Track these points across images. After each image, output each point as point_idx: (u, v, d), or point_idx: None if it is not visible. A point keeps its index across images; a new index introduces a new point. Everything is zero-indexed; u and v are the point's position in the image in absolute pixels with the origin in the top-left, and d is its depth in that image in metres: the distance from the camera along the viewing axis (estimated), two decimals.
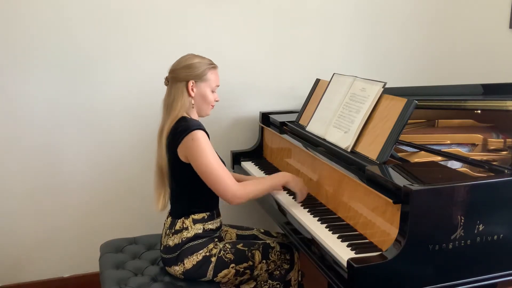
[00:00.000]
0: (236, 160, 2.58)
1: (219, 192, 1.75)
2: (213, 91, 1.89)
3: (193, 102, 1.85)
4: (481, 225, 1.44)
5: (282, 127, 2.42)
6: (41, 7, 2.28)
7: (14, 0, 2.24)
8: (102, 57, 2.40)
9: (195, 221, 1.84)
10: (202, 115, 1.92)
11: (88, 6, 2.34)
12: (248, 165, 2.50)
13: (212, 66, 1.88)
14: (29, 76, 2.33)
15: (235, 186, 1.75)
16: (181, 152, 1.76)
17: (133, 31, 2.42)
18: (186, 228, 1.83)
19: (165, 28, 2.47)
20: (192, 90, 1.83)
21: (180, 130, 1.75)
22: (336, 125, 1.96)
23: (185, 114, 1.84)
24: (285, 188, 2.10)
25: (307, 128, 2.17)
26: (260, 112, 2.63)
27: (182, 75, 1.82)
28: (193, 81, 1.82)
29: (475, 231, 1.44)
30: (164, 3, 2.44)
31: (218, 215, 1.92)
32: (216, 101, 1.92)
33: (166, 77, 1.88)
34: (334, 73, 2.20)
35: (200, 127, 1.76)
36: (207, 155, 1.72)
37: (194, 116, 1.89)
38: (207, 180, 1.75)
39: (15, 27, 2.27)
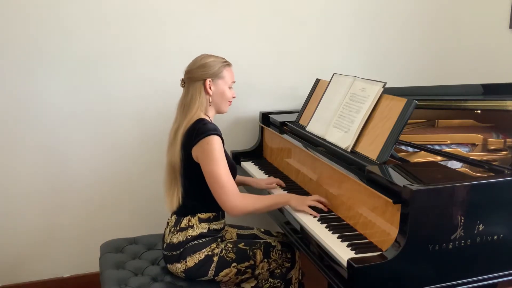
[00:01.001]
0: (236, 160, 2.58)
1: (220, 201, 1.76)
2: (230, 88, 1.91)
3: (210, 100, 1.86)
4: (481, 225, 1.44)
5: (282, 127, 2.42)
6: (43, 10, 2.28)
7: (16, 2, 2.25)
8: (104, 58, 2.40)
9: (201, 220, 1.84)
10: (221, 112, 1.94)
11: (89, 8, 2.34)
12: (248, 165, 2.50)
13: (227, 63, 1.91)
14: (32, 78, 2.33)
15: (237, 199, 1.75)
16: (195, 153, 1.78)
17: (134, 33, 2.42)
18: (192, 227, 1.83)
19: (166, 30, 2.47)
20: (210, 88, 1.85)
21: (197, 132, 1.76)
22: (336, 125, 1.96)
23: (202, 114, 1.85)
24: (285, 188, 2.11)
25: (307, 128, 2.17)
26: (260, 112, 2.63)
27: (198, 74, 1.84)
28: (210, 79, 1.84)
29: (475, 231, 1.44)
30: (165, 4, 2.44)
31: (223, 216, 1.93)
32: (233, 97, 1.94)
33: (182, 78, 1.89)
34: (334, 73, 2.20)
35: (217, 132, 1.77)
36: (218, 162, 1.74)
37: (212, 114, 1.90)
38: (212, 187, 1.76)
39: (18, 29, 2.27)
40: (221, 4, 2.53)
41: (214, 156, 1.74)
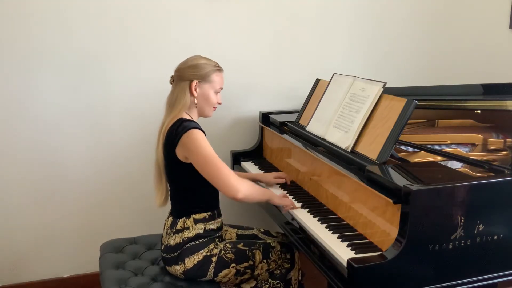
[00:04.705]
0: (236, 160, 2.58)
1: (221, 186, 1.71)
2: (216, 93, 1.90)
3: (196, 102, 1.86)
4: (481, 225, 1.44)
5: (282, 127, 2.42)
6: (42, 7, 2.28)
7: (17, 2, 2.25)
8: (103, 57, 2.40)
9: (196, 221, 1.84)
10: (204, 115, 1.93)
11: (89, 6, 2.34)
12: (248, 165, 2.50)
13: (218, 68, 1.89)
14: (31, 75, 2.33)
15: (237, 180, 1.71)
16: (180, 152, 1.77)
17: (134, 32, 2.42)
18: (187, 228, 1.83)
19: (166, 29, 2.47)
20: (195, 89, 1.84)
21: (176, 131, 1.75)
22: (336, 125, 1.96)
23: (185, 114, 1.84)
24: (284, 188, 2.11)
25: (307, 128, 2.17)
26: (260, 112, 2.63)
27: (187, 74, 1.83)
28: (197, 81, 1.84)
29: (475, 231, 1.44)
30: (165, 4, 2.44)
31: (219, 215, 1.92)
32: (219, 103, 1.93)
33: (172, 76, 1.89)
34: (334, 73, 2.20)
35: (197, 127, 1.76)
36: (205, 149, 1.71)
37: (195, 116, 1.89)
38: (208, 174, 1.72)
39: (18, 28, 2.27)
40: (222, 3, 2.53)
41: (199, 145, 1.71)
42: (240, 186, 1.71)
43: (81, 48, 2.37)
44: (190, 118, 1.85)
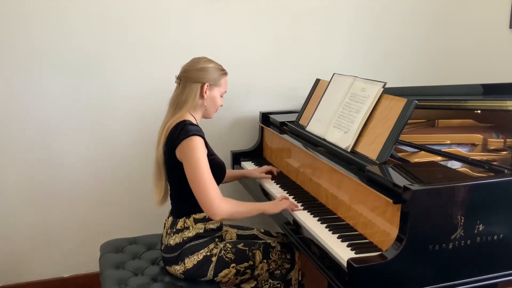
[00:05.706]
0: (236, 160, 2.58)
1: (202, 203, 1.74)
2: (221, 96, 1.93)
3: (206, 104, 1.88)
4: (481, 225, 1.44)
5: (282, 127, 2.42)
6: (43, 8, 2.28)
7: (17, 2, 2.25)
8: (103, 57, 2.40)
9: (196, 221, 1.84)
10: (207, 117, 1.95)
11: (89, 6, 2.34)
12: (248, 165, 2.50)
13: (224, 72, 1.92)
14: (32, 75, 2.33)
15: (219, 201, 1.73)
16: (178, 153, 1.78)
17: (134, 32, 2.42)
18: (188, 228, 1.83)
19: (166, 29, 2.47)
20: (206, 92, 1.85)
21: (180, 132, 1.76)
22: (336, 125, 1.96)
23: (189, 115, 1.85)
24: (284, 188, 2.11)
25: (307, 128, 2.17)
26: (260, 112, 2.63)
27: (197, 76, 1.85)
28: (208, 84, 1.85)
29: (475, 231, 1.44)
30: (165, 4, 2.44)
31: None
32: (220, 105, 1.95)
33: (178, 76, 1.89)
34: (334, 73, 2.20)
35: (199, 133, 1.77)
36: (199, 165, 1.73)
37: (198, 117, 1.90)
38: (194, 188, 1.75)
39: (18, 28, 2.27)
40: (222, 3, 2.53)
41: (195, 157, 1.73)
42: (220, 208, 1.72)
43: (81, 48, 2.37)
44: (194, 120, 1.86)
